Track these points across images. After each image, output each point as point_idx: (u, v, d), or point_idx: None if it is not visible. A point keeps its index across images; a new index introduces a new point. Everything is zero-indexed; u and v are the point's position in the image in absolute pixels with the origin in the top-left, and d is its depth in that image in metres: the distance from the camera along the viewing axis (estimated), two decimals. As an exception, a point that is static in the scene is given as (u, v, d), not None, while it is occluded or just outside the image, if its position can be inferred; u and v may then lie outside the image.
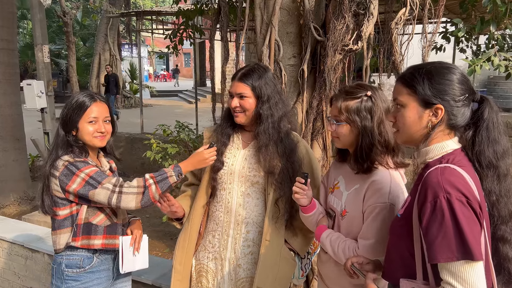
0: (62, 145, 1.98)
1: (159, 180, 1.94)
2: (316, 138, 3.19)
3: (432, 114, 1.35)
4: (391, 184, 1.72)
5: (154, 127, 5.27)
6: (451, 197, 1.20)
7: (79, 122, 1.99)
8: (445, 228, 1.19)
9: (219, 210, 2.16)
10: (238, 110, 2.05)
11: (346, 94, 1.76)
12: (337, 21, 2.82)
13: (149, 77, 35.96)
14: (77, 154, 1.98)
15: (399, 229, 1.41)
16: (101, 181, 1.92)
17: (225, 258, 2.14)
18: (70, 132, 2.00)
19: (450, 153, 1.35)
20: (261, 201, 2.12)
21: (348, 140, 1.78)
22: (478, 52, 4.86)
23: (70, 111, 1.99)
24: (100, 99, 2.06)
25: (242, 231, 2.12)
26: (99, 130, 2.02)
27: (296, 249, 2.17)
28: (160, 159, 4.35)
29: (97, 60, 16.85)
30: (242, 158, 2.13)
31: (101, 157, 2.18)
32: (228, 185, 2.13)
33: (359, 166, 1.75)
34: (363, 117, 1.72)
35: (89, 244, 2.03)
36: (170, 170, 1.98)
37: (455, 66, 1.38)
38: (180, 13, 5.14)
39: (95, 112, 2.01)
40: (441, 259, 1.20)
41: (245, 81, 2.03)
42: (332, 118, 1.81)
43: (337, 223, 1.87)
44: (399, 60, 2.85)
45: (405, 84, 1.39)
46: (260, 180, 2.09)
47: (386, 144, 1.74)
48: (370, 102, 1.73)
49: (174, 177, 1.97)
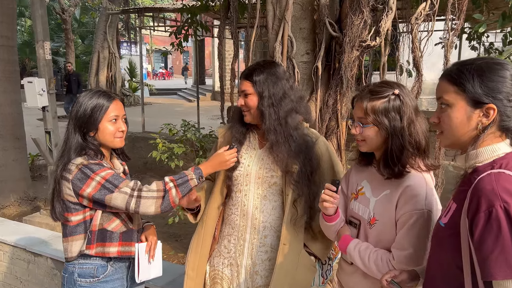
0: (76, 147, 1.86)
1: (180, 183, 1.84)
2: (330, 138, 3.08)
3: (483, 115, 1.22)
4: (427, 189, 1.60)
5: (155, 125, 5.17)
6: (509, 206, 1.08)
7: (100, 122, 1.88)
8: (503, 241, 1.07)
9: (235, 213, 2.07)
10: (244, 109, 1.98)
11: (371, 93, 1.62)
12: (355, 16, 2.71)
13: (148, 75, 35.77)
14: (91, 156, 1.86)
15: (444, 240, 1.28)
16: (118, 185, 1.80)
17: (241, 264, 2.04)
18: (88, 134, 1.89)
19: (503, 157, 1.23)
20: (279, 203, 2.02)
21: (375, 143, 1.65)
22: (491, 50, 4.75)
23: (88, 111, 1.87)
24: (117, 97, 1.96)
25: (259, 236, 2.02)
26: (120, 129, 1.93)
27: (316, 254, 2.05)
28: (166, 159, 4.24)
29: (96, 58, 16.71)
30: (258, 158, 2.04)
31: (114, 159, 2.07)
32: (244, 187, 2.04)
33: (390, 170, 1.61)
34: (392, 118, 1.58)
35: (104, 252, 1.91)
36: (191, 172, 1.88)
37: (508, 62, 1.26)
38: (185, 9, 5.02)
39: (116, 110, 1.92)
40: (498, 276, 1.07)
41: (248, 78, 1.96)
42: (357, 120, 1.67)
43: (364, 232, 1.73)
44: (419, 57, 2.73)
45: (452, 82, 1.26)
46: (278, 181, 1.99)
47: (417, 145, 1.61)
48: (399, 101, 1.59)
49: (195, 180, 1.87)
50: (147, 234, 2.08)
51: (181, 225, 4.76)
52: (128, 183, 1.82)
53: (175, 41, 5.37)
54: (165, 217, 5.07)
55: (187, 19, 5.07)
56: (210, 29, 9.30)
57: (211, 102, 18.86)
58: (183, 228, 5.09)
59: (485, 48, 4.87)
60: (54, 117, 5.10)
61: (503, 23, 2.85)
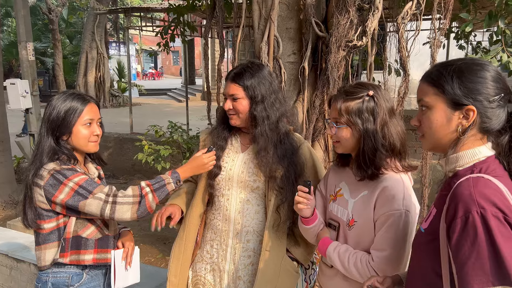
0: (48, 151, 1.79)
1: (157, 188, 1.79)
2: (318, 139, 3.05)
3: (463, 117, 1.18)
4: (404, 189, 1.59)
5: (143, 126, 5.11)
6: (485, 212, 1.04)
7: (74, 125, 1.81)
8: (478, 247, 1.03)
9: (217, 218, 2.03)
10: (231, 112, 1.92)
11: (346, 94, 1.61)
12: (341, 16, 2.68)
13: (137, 76, 35.57)
14: (64, 162, 1.80)
15: (424, 246, 1.25)
16: (92, 191, 1.73)
17: (224, 269, 2.00)
18: (61, 137, 1.81)
19: (483, 161, 1.19)
20: (261, 208, 1.98)
21: (350, 145, 1.63)
22: (478, 50, 4.76)
23: (62, 114, 1.79)
24: (92, 100, 1.89)
25: (242, 240, 1.98)
26: (95, 133, 1.86)
27: (299, 259, 2.02)
28: (152, 161, 4.18)
29: (84, 59, 16.55)
30: (241, 162, 1.99)
31: (88, 163, 1.99)
32: (227, 191, 2.00)
33: (363, 172, 1.60)
34: (365, 119, 1.57)
35: (79, 259, 1.85)
36: (168, 176, 1.83)
37: (488, 63, 1.22)
38: (171, 9, 4.96)
39: (90, 114, 1.85)
40: (474, 284, 1.03)
41: (237, 82, 1.89)
42: (332, 120, 1.65)
43: (343, 234, 1.71)
44: (405, 57, 2.71)
45: (432, 83, 1.23)
46: (261, 186, 1.95)
47: (391, 147, 1.60)
48: (373, 102, 1.58)
49: (172, 184, 1.82)
50: (124, 240, 2.03)
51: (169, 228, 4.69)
52: (103, 189, 1.76)
53: (161, 41, 5.31)
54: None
55: (173, 19, 5.02)
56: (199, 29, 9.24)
57: (201, 102, 18.77)
58: (171, 231, 5.00)
59: (473, 47, 4.88)
60: (39, 119, 5.01)
61: (490, 23, 2.84)
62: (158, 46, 5.44)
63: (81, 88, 16.70)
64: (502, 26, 2.83)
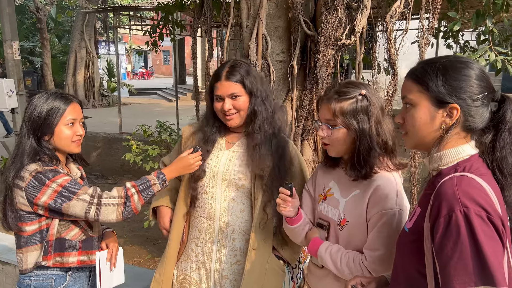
0: (29, 152, 1.75)
1: (142, 189, 1.77)
2: (307, 138, 3.04)
3: (446, 115, 1.18)
4: (397, 188, 1.58)
5: (133, 126, 5.06)
6: (468, 211, 1.03)
7: (56, 125, 1.78)
8: (461, 247, 1.02)
9: (202, 216, 2.01)
10: (231, 112, 1.88)
11: (338, 94, 1.58)
12: (329, 14, 2.67)
13: (127, 75, 35.32)
14: (46, 162, 1.76)
15: (408, 245, 1.24)
16: (76, 192, 1.71)
17: (210, 268, 1.99)
18: (43, 138, 1.78)
19: (467, 160, 1.19)
20: (246, 206, 1.96)
21: (343, 146, 1.62)
22: (466, 49, 4.78)
23: (43, 114, 1.76)
24: (74, 100, 1.87)
25: (227, 239, 1.96)
26: (78, 133, 1.84)
27: (285, 258, 2.01)
28: (140, 161, 4.14)
29: (73, 58, 16.40)
30: (225, 159, 1.97)
31: (70, 164, 1.97)
32: (211, 188, 1.97)
33: (357, 172, 1.59)
34: (361, 119, 1.56)
35: (63, 262, 1.81)
36: (153, 177, 1.81)
37: (472, 61, 1.22)
38: (160, 8, 4.92)
39: (73, 114, 1.82)
40: (456, 285, 1.02)
41: (234, 79, 1.86)
42: (325, 122, 1.62)
43: (334, 234, 1.70)
44: (394, 55, 2.70)
45: (416, 81, 1.22)
46: (246, 184, 1.93)
47: (384, 146, 1.59)
48: (366, 101, 1.57)
49: (158, 185, 1.81)
50: (108, 241, 2.01)
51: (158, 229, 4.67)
52: (87, 190, 1.73)
53: (150, 41, 5.27)
54: (141, 220, 4.97)
55: (162, 18, 4.98)
56: (188, 28, 9.19)
57: (192, 102, 18.50)
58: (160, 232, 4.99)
59: (460, 46, 4.91)
60: (25, 119, 4.94)
61: (477, 22, 2.85)
62: (147, 45, 5.40)
63: (70, 87, 16.55)
64: (490, 25, 2.84)
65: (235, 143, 2.00)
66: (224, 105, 1.86)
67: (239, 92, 1.86)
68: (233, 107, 1.87)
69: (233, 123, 1.91)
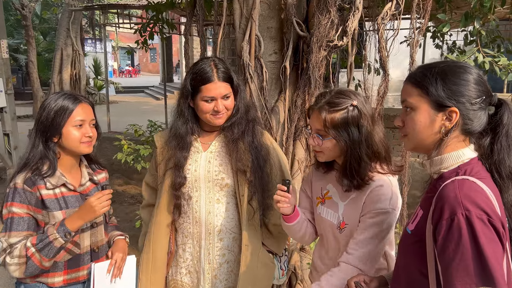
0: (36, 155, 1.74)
1: (41, 247, 1.66)
2: (299, 138, 3.06)
3: (446, 118, 1.22)
4: (392, 189, 1.62)
5: (121, 124, 5.03)
6: (470, 214, 1.07)
7: (64, 126, 1.75)
8: (463, 249, 1.06)
9: (187, 221, 1.99)
10: (223, 112, 1.87)
11: (330, 105, 1.59)
12: (322, 15, 2.69)
13: (114, 73, 35.00)
14: (39, 170, 1.73)
15: (410, 247, 1.28)
16: (7, 231, 1.68)
17: (200, 270, 1.99)
18: (51, 139, 1.76)
19: (467, 163, 1.23)
20: (232, 204, 1.97)
21: (334, 154, 1.65)
22: (453, 49, 4.86)
23: (51, 114, 1.74)
24: (84, 100, 1.83)
25: (215, 240, 1.97)
26: (87, 135, 1.79)
27: (273, 250, 2.04)
28: (131, 161, 4.12)
29: (59, 56, 16.10)
30: (205, 161, 1.95)
31: (83, 167, 1.92)
32: (195, 193, 1.96)
33: (349, 183, 1.62)
34: (351, 132, 1.58)
35: (48, 282, 1.77)
36: (53, 232, 1.68)
37: (470, 66, 1.26)
38: (150, 6, 4.89)
39: (82, 115, 1.78)
40: (458, 285, 1.06)
41: (225, 80, 1.86)
42: (315, 132, 1.64)
43: (333, 237, 1.74)
44: (385, 57, 2.74)
45: (416, 85, 1.25)
46: (229, 182, 1.94)
47: (375, 155, 1.62)
48: (357, 112, 1.59)
49: (60, 239, 1.68)
50: (114, 250, 1.92)
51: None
52: (10, 238, 1.67)
53: (140, 39, 5.23)
54: (133, 220, 4.95)
55: (152, 17, 4.95)
56: (177, 26, 9.14)
57: (180, 100, 18.59)
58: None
59: (448, 46, 4.98)
60: (13, 119, 4.88)
61: (466, 23, 2.90)
62: (137, 44, 5.37)
63: (56, 85, 16.29)
64: (478, 27, 2.90)
65: (211, 143, 1.98)
66: (217, 106, 1.84)
67: (229, 92, 1.87)
68: (225, 107, 1.87)
69: (221, 121, 1.90)
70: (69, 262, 1.81)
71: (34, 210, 1.72)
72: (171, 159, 1.94)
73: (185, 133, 1.93)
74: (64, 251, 1.75)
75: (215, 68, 1.85)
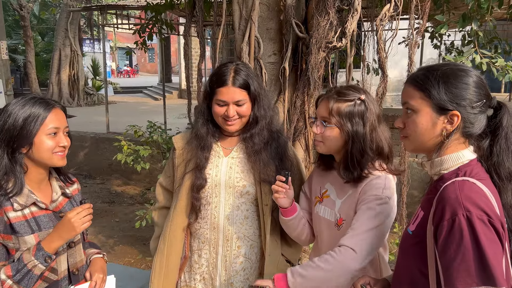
0: (0, 170, 1.52)
1: (19, 278, 1.48)
2: (299, 139, 3.08)
3: (447, 121, 1.23)
4: (386, 182, 1.64)
5: (119, 125, 5.04)
6: (471, 215, 1.09)
7: (36, 135, 1.54)
8: (464, 250, 1.08)
9: (204, 227, 1.95)
10: (235, 118, 1.83)
11: (338, 95, 1.64)
12: (321, 17, 2.71)
13: (112, 73, 34.97)
14: (5, 188, 1.52)
15: (411, 248, 1.29)
16: None
17: (215, 277, 1.96)
18: (18, 150, 1.54)
19: (467, 164, 1.25)
20: (251, 212, 1.94)
21: (335, 145, 1.66)
22: (452, 49, 4.89)
23: (19, 121, 1.52)
24: (57, 105, 1.63)
25: (232, 247, 1.94)
26: (61, 144, 1.60)
27: (290, 259, 2.03)
28: (131, 162, 4.13)
29: (57, 56, 16.19)
30: (226, 167, 1.92)
31: (53, 180, 1.72)
32: (214, 198, 1.92)
33: (349, 174, 1.64)
34: (355, 123, 1.61)
35: None
36: (31, 258, 1.49)
37: (471, 69, 1.28)
38: (149, 7, 4.90)
39: (56, 122, 1.58)
40: (459, 285, 1.08)
41: (241, 86, 1.80)
42: (320, 119, 1.67)
43: (330, 235, 1.75)
44: (384, 58, 2.76)
45: (418, 87, 1.27)
46: (251, 190, 1.91)
47: (379, 151, 1.65)
48: (363, 106, 1.62)
49: (40, 265, 1.50)
50: (93, 270, 1.76)
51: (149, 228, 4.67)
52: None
53: (139, 40, 5.25)
54: (132, 220, 4.97)
55: (151, 17, 4.96)
56: (176, 27, 9.15)
57: (178, 100, 18.63)
58: (151, 232, 4.97)
59: (446, 47, 5.01)
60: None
61: (464, 24, 2.93)
62: (136, 45, 5.38)
63: (54, 86, 16.34)
64: (475, 28, 2.92)
65: (232, 148, 1.95)
66: (228, 111, 1.80)
67: (244, 99, 1.81)
68: (236, 113, 1.82)
69: (233, 128, 1.86)
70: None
71: (3, 237, 1.52)
72: (191, 160, 1.91)
73: (206, 133, 1.90)
74: (40, 280, 1.55)
75: (233, 72, 1.81)
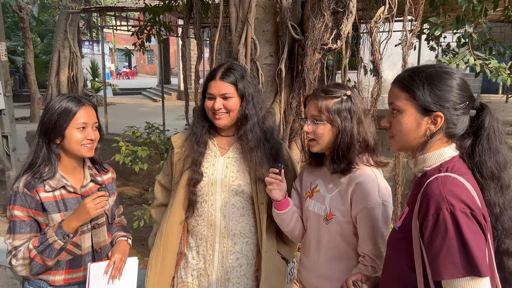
0: (39, 157, 1.79)
1: (42, 250, 1.73)
2: (295, 139, 3.12)
3: (431, 122, 1.28)
4: (378, 181, 1.69)
5: (118, 126, 5.06)
6: (454, 209, 1.14)
7: (66, 128, 1.78)
8: (449, 242, 1.13)
9: (201, 224, 2.00)
10: (221, 112, 1.89)
11: (326, 93, 1.72)
12: (316, 19, 2.75)
13: (111, 75, 35.00)
14: (41, 172, 1.79)
15: (398, 243, 1.34)
16: (13, 233, 1.77)
17: (212, 273, 2.00)
18: (54, 141, 1.80)
19: (449, 161, 1.29)
20: (247, 210, 1.99)
21: (327, 141, 1.73)
22: (447, 51, 4.92)
23: (54, 116, 1.77)
24: (87, 103, 1.85)
25: (229, 244, 1.99)
26: (89, 137, 1.82)
27: (286, 256, 2.08)
28: (129, 162, 4.16)
29: (57, 57, 16.18)
30: (222, 166, 1.98)
31: (86, 168, 1.95)
32: (210, 196, 1.97)
33: (336, 166, 1.71)
34: (344, 117, 1.69)
35: (49, 280, 1.84)
36: (52, 234, 1.74)
37: (455, 71, 1.31)
38: (147, 9, 4.94)
39: (85, 117, 1.81)
40: (445, 276, 1.13)
41: (228, 80, 1.88)
42: (311, 118, 1.74)
43: (317, 230, 1.80)
44: (378, 59, 2.80)
45: (403, 88, 1.31)
46: (246, 189, 1.95)
47: (365, 143, 1.72)
48: (350, 102, 1.71)
49: (59, 241, 1.73)
50: (114, 251, 1.95)
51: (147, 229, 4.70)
52: (14, 241, 1.77)
53: (137, 41, 5.28)
54: (130, 221, 4.98)
55: (149, 19, 5.00)
56: (174, 29, 9.18)
57: (177, 102, 18.65)
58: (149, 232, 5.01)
59: (442, 49, 5.05)
60: (12, 121, 4.91)
61: (458, 26, 2.96)
62: (134, 46, 5.41)
63: (53, 87, 16.34)
64: (469, 30, 2.96)
65: (229, 148, 2.00)
66: (214, 103, 1.88)
67: (231, 93, 1.88)
68: (223, 107, 1.88)
69: (221, 122, 1.91)
70: (71, 262, 1.86)
71: (35, 213, 1.77)
72: (188, 156, 1.97)
73: (201, 129, 1.98)
74: (65, 252, 1.79)
75: (224, 69, 1.90)
